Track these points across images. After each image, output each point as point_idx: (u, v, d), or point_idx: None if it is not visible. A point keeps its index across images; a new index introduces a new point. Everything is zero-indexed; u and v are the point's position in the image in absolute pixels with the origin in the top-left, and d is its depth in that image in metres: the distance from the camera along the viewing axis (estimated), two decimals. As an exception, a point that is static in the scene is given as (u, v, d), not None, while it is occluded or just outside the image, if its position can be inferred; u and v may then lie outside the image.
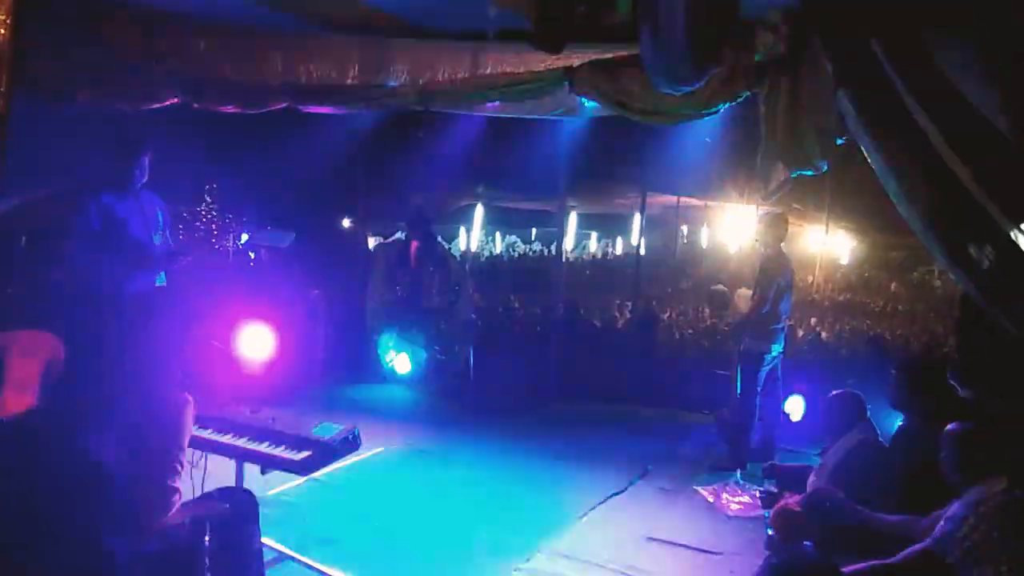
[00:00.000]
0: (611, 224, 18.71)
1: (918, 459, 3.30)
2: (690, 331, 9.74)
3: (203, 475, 3.18)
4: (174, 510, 2.47)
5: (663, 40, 2.49)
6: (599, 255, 20.78)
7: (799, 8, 3.74)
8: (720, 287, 6.48)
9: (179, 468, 2.44)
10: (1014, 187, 2.89)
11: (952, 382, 3.78)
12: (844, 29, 3.02)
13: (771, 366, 5.66)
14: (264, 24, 5.42)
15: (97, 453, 2.31)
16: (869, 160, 3.23)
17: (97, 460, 2.29)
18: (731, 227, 12.74)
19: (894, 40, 2.97)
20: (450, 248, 9.03)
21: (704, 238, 16.99)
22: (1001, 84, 2.92)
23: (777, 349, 5.62)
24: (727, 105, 4.54)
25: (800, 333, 9.73)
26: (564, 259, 13.72)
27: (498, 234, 20.55)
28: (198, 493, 2.90)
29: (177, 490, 2.45)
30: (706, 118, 4.74)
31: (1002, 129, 2.94)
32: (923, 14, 3.05)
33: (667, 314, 10.29)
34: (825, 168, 4.29)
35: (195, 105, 5.53)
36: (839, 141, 3.87)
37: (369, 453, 5.23)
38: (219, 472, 3.26)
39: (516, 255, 19.40)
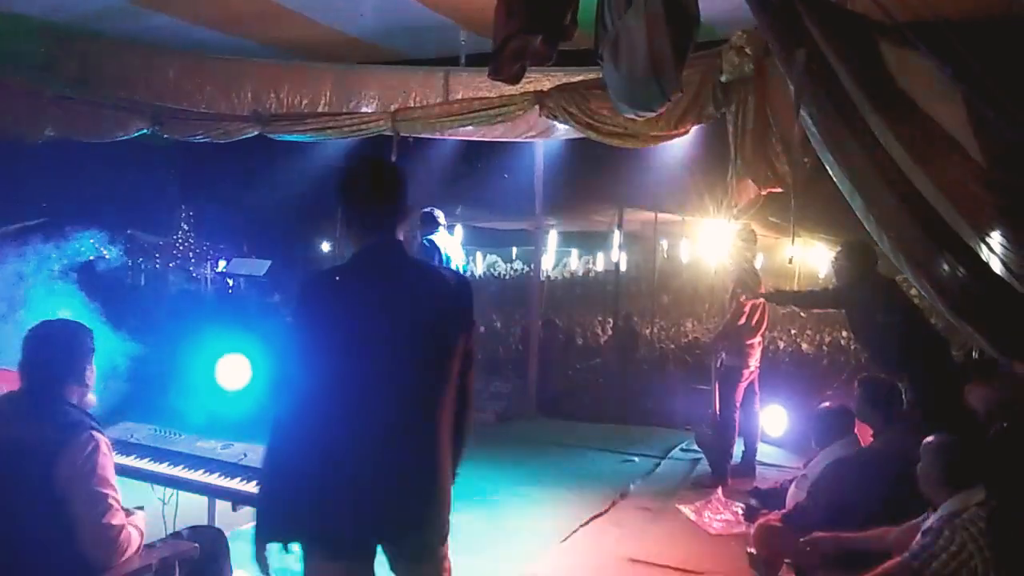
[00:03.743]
0: (591, 241, 18.78)
1: (890, 471, 3.32)
2: (671, 346, 9.77)
3: (175, 513, 3.15)
4: (131, 550, 2.37)
5: (624, 67, 2.51)
6: (580, 272, 20.85)
7: (763, 30, 3.79)
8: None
9: (112, 505, 2.30)
10: (974, 197, 2.94)
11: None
12: (803, 48, 3.06)
13: (748, 381, 5.68)
14: (234, 52, 5.45)
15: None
16: (833, 176, 3.27)
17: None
18: (710, 242, 12.83)
19: (853, 57, 3.02)
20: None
21: (684, 253, 17.09)
22: (961, 97, 2.97)
23: (754, 363, 5.64)
24: (697, 125, 4.60)
25: (780, 345, 9.78)
26: (544, 277, 13.76)
27: (479, 254, 20.57)
28: (170, 532, 2.85)
29: (118, 527, 2.32)
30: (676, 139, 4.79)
31: (963, 142, 2.99)
32: (883, 30, 3.10)
33: (648, 330, 10.32)
34: (792, 183, 4.35)
35: (164, 135, 5.52)
36: (806, 159, 3.92)
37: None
38: (192, 508, 3.22)
39: (497, 274, 19.43)
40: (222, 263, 11.38)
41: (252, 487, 2.87)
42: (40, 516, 2.20)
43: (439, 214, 6.53)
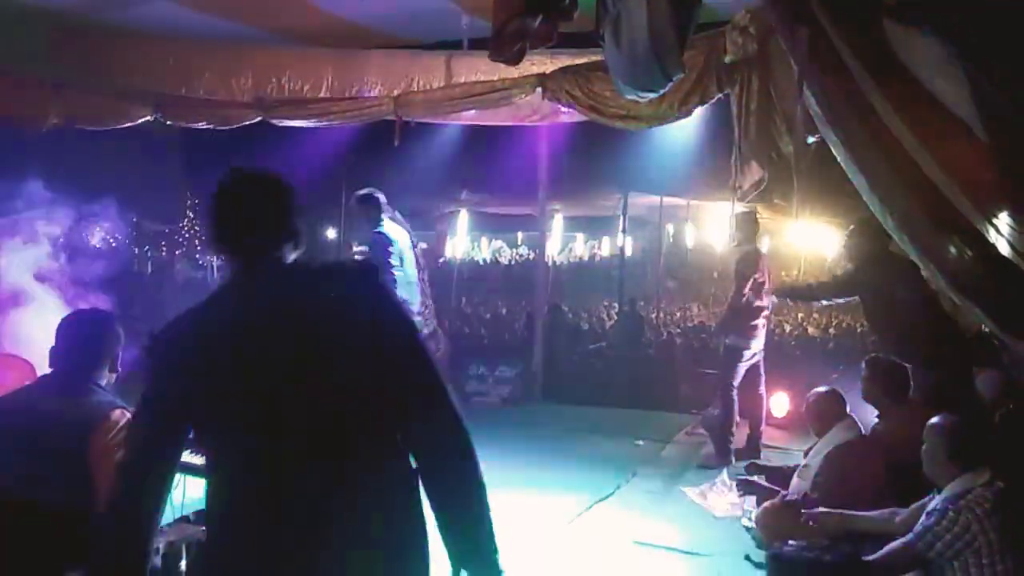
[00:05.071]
0: (597, 226, 18.71)
1: (896, 453, 3.32)
2: (677, 330, 9.76)
3: (182, 497, 3.17)
4: None
5: (626, 48, 2.49)
6: (585, 257, 20.81)
7: (765, 8, 3.75)
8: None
9: None
10: (980, 177, 2.90)
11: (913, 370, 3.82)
12: (807, 26, 3.02)
13: (752, 363, 5.66)
14: (235, 38, 5.43)
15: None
16: (837, 157, 3.24)
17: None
18: (716, 225, 12.80)
19: (857, 36, 2.99)
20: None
21: (690, 237, 17.03)
22: (967, 76, 2.94)
23: (757, 345, 5.62)
24: (700, 107, 4.57)
25: (787, 328, 9.76)
26: (551, 262, 13.74)
27: (484, 239, 20.55)
28: (177, 516, 2.87)
29: None
30: (681, 120, 4.76)
31: (968, 121, 2.96)
32: (886, 8, 3.06)
33: (654, 314, 10.31)
34: (802, 164, 4.32)
35: (167, 122, 5.52)
36: (810, 140, 3.89)
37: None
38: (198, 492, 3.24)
39: (504, 260, 19.42)
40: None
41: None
42: (66, 490, 2.29)
43: (382, 197, 5.54)
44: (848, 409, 3.81)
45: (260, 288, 1.64)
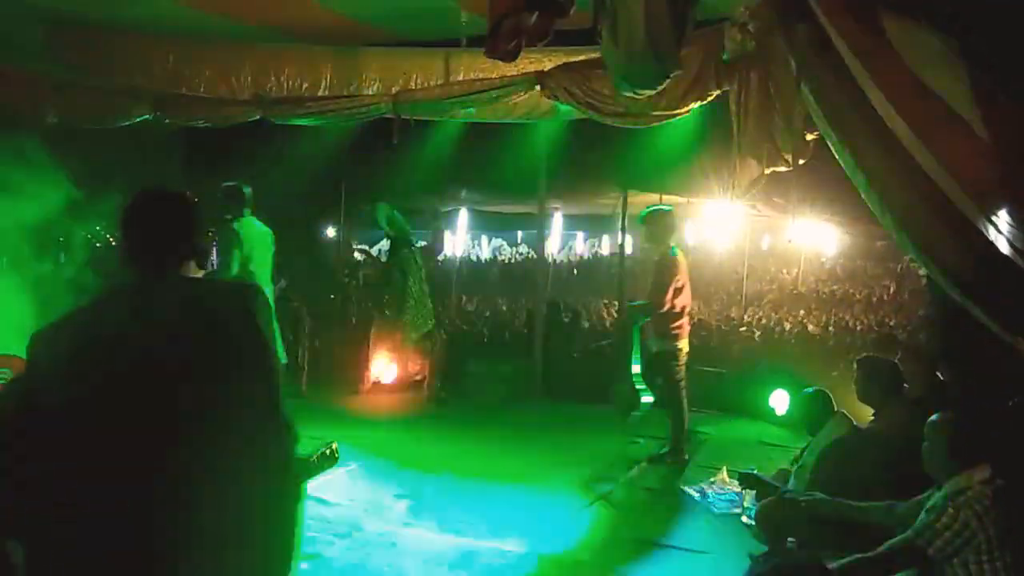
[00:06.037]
0: (597, 224, 18.70)
1: (893, 450, 3.31)
2: (677, 328, 9.73)
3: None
4: None
5: (623, 44, 2.48)
6: (586, 256, 20.81)
7: (764, 5, 3.74)
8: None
9: None
10: (980, 175, 2.89)
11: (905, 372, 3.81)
12: (804, 22, 3.01)
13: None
14: (233, 36, 5.42)
15: None
16: (835, 154, 3.23)
17: None
18: (715, 224, 12.80)
19: (855, 32, 2.97)
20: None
21: (689, 235, 17.02)
22: (966, 72, 2.93)
23: (685, 344, 5.65)
24: (699, 105, 4.56)
25: (787, 326, 9.75)
26: (550, 261, 13.74)
27: (484, 238, 20.55)
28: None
29: None
30: (679, 118, 4.75)
31: (967, 117, 2.95)
32: (885, 3, 3.05)
33: (654, 312, 10.28)
34: (801, 161, 4.31)
35: (166, 120, 5.51)
36: (809, 137, 3.89)
37: (352, 465, 5.21)
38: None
39: (504, 259, 19.43)
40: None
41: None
42: None
43: (247, 191, 5.53)
44: (836, 407, 3.83)
45: (147, 300, 1.72)
